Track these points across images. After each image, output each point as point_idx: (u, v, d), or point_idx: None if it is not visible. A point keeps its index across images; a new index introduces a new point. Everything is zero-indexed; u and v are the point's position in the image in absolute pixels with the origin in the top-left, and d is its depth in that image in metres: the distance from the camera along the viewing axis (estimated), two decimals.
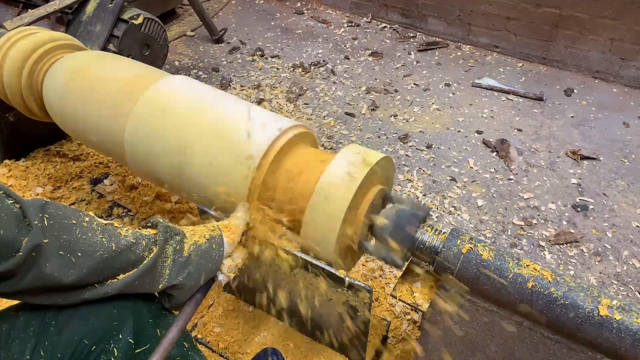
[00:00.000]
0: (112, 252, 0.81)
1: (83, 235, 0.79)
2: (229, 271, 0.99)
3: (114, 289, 0.82)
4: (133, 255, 0.83)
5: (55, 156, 2.17)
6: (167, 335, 0.86)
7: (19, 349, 0.80)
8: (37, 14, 2.18)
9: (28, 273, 0.72)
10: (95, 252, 0.79)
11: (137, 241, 0.85)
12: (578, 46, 3.05)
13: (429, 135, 2.60)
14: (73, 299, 0.81)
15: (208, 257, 0.94)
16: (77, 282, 0.78)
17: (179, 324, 0.89)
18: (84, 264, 0.77)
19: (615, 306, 0.85)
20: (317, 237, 1.05)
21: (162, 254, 0.87)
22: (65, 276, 0.76)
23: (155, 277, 0.86)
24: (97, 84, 1.39)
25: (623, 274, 1.86)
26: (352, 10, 3.92)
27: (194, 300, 0.95)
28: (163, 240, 0.88)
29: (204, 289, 0.97)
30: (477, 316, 1.01)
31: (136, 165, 1.34)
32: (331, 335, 1.34)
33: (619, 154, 2.48)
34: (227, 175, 1.14)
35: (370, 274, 1.75)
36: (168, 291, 0.91)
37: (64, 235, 0.77)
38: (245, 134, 1.15)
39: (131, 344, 0.85)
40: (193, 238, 0.94)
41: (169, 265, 0.88)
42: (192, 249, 0.92)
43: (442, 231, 1.05)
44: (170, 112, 1.25)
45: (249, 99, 2.84)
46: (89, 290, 0.81)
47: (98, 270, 0.79)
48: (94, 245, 0.79)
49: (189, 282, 0.90)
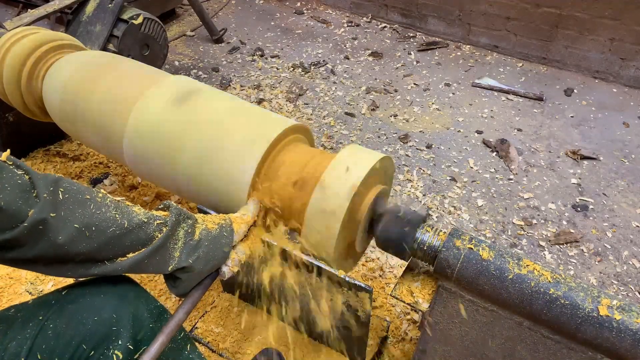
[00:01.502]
0: (124, 228, 0.82)
1: (97, 210, 0.80)
2: (233, 264, 1.00)
3: (124, 266, 0.83)
4: (144, 234, 0.84)
5: (55, 156, 2.17)
6: (174, 317, 0.88)
7: (15, 350, 0.80)
8: (37, 14, 2.18)
9: (38, 243, 0.73)
10: (108, 228, 0.80)
11: (148, 220, 0.86)
12: (578, 46, 3.05)
13: (429, 135, 2.60)
14: (82, 273, 0.82)
15: (217, 243, 0.95)
16: (88, 255, 0.79)
17: (186, 307, 0.91)
18: (96, 238, 0.78)
19: (615, 306, 0.85)
20: (317, 237, 1.05)
21: (173, 236, 0.89)
22: (76, 248, 0.77)
23: (165, 257, 0.87)
24: (96, 84, 1.38)
25: (623, 274, 1.86)
26: (352, 10, 3.92)
27: (202, 285, 0.96)
28: (175, 222, 0.89)
29: (207, 280, 0.98)
30: (477, 316, 1.01)
31: (135, 165, 1.34)
32: (331, 335, 1.34)
33: (619, 154, 2.48)
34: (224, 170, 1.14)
35: (370, 274, 1.75)
36: (177, 274, 0.91)
37: (79, 209, 0.78)
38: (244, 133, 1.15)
39: (130, 349, 0.85)
40: (205, 223, 0.96)
41: (180, 248, 0.89)
42: (203, 234, 0.93)
43: (442, 231, 1.05)
44: (169, 112, 1.24)
45: (249, 99, 2.84)
46: (98, 266, 0.82)
47: (109, 245, 0.80)
48: (107, 221, 0.80)
49: (198, 265, 0.91)
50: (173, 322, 0.88)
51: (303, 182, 1.11)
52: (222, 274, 0.99)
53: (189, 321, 1.54)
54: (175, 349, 0.95)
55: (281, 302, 1.37)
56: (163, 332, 0.86)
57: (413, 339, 1.53)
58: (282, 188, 1.14)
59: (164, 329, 0.86)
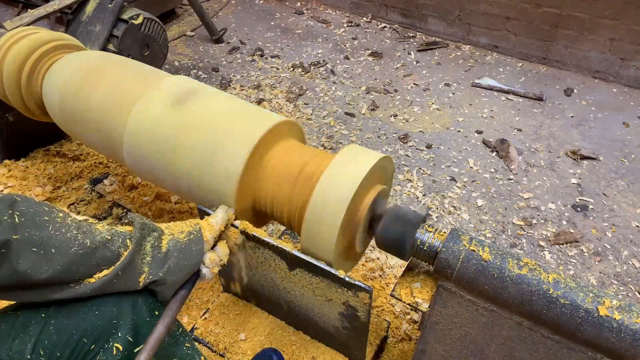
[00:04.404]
0: (86, 248, 0.80)
1: (56, 231, 0.78)
2: (213, 265, 0.99)
3: (94, 289, 0.81)
4: (109, 251, 0.83)
5: (55, 156, 2.17)
6: (154, 333, 0.86)
7: (18, 349, 0.80)
8: (37, 14, 2.18)
9: (0, 269, 0.72)
10: (70, 248, 0.78)
11: (112, 238, 0.84)
12: (578, 46, 3.05)
13: (429, 135, 2.60)
14: (49, 297, 0.80)
15: (187, 251, 0.94)
16: (52, 279, 0.77)
17: (165, 321, 0.89)
18: (58, 261, 0.76)
19: (615, 306, 0.85)
20: (317, 237, 1.05)
21: (140, 251, 0.87)
22: (38, 273, 0.75)
23: (134, 274, 0.86)
24: (96, 84, 1.38)
25: (623, 274, 1.86)
26: (352, 10, 3.92)
27: (179, 296, 0.95)
28: (139, 237, 0.87)
29: (189, 285, 0.97)
30: (477, 316, 1.01)
31: (135, 165, 1.34)
32: (331, 335, 1.34)
33: (619, 154, 2.48)
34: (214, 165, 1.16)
35: (370, 274, 1.75)
36: (151, 287, 0.90)
37: (37, 232, 0.76)
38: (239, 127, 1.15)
39: (130, 342, 0.86)
40: (171, 234, 0.95)
41: (149, 262, 0.88)
42: (170, 245, 0.92)
43: (442, 231, 1.05)
44: (168, 113, 1.25)
45: (249, 99, 2.84)
46: (65, 289, 0.80)
47: (73, 266, 0.78)
48: (68, 242, 0.78)
49: (169, 277, 0.90)
50: (153, 338, 0.85)
51: (303, 182, 1.11)
52: (203, 277, 0.99)
53: (189, 321, 1.54)
54: (173, 345, 0.96)
55: (281, 302, 1.37)
56: (144, 349, 0.83)
57: (413, 339, 1.53)
58: (280, 188, 1.14)
59: (145, 346, 0.84)
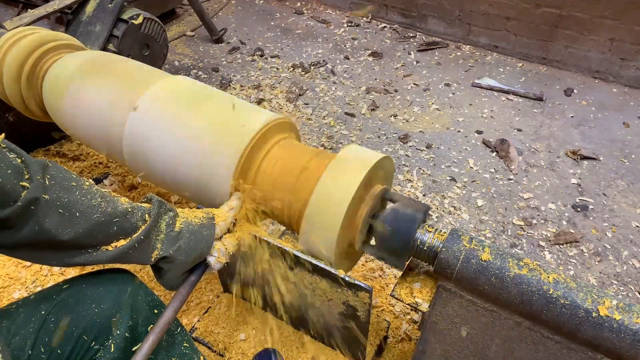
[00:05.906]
0: (108, 216, 0.83)
1: (82, 197, 0.81)
2: (220, 255, 1.00)
3: (109, 256, 0.84)
4: (128, 223, 0.86)
5: (55, 156, 2.17)
6: (162, 316, 0.88)
7: (19, 345, 0.81)
8: (37, 14, 2.18)
9: (26, 225, 0.74)
10: (93, 214, 0.81)
11: (133, 210, 0.87)
12: (578, 46, 3.05)
13: (429, 135, 2.60)
14: (66, 261, 0.82)
15: (198, 235, 0.96)
16: (73, 241, 0.79)
17: (174, 306, 0.92)
18: (81, 224, 0.79)
19: (615, 306, 0.85)
20: (316, 237, 1.05)
21: (156, 227, 0.90)
22: (61, 233, 0.77)
23: (148, 248, 0.89)
24: (96, 84, 1.38)
25: (623, 274, 1.86)
26: (352, 10, 3.92)
27: (189, 282, 0.98)
28: (157, 214, 0.90)
29: (198, 272, 0.99)
30: (477, 316, 1.01)
31: (134, 165, 1.34)
32: (331, 335, 1.34)
33: (619, 154, 2.48)
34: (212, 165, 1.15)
35: (370, 273, 1.75)
36: (160, 264, 0.92)
37: (65, 195, 0.79)
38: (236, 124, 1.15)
39: (128, 338, 0.87)
40: (185, 217, 0.97)
41: (162, 239, 0.91)
42: (183, 226, 0.95)
43: (442, 231, 1.05)
44: (168, 112, 1.25)
45: (249, 99, 2.84)
46: (83, 254, 0.82)
47: (94, 232, 0.81)
48: (92, 208, 0.82)
49: (179, 256, 0.92)
50: (162, 321, 0.89)
51: (303, 182, 1.11)
52: (210, 266, 1.00)
53: (189, 321, 1.54)
54: (171, 343, 0.96)
55: (281, 302, 1.37)
56: (153, 331, 0.86)
57: (413, 339, 1.53)
58: (280, 187, 1.14)
59: (154, 328, 0.87)
